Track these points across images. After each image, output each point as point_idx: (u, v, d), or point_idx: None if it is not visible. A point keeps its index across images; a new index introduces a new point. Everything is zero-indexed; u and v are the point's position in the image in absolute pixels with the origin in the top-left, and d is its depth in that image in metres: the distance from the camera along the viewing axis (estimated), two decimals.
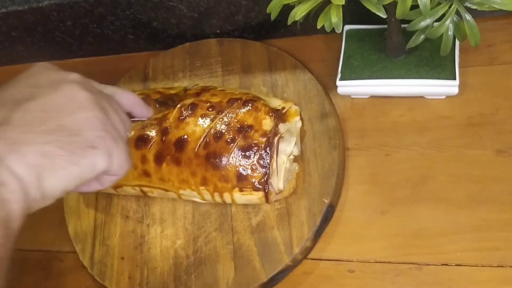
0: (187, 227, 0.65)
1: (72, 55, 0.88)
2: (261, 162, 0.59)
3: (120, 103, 0.50)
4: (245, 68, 0.74)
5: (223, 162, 0.59)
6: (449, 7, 0.53)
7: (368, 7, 0.54)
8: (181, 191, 0.63)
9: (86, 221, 0.69)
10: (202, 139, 0.61)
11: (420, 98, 0.66)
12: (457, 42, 0.63)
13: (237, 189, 0.60)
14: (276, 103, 0.64)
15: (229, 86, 0.73)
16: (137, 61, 0.82)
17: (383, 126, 0.66)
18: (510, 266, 0.54)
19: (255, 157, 0.59)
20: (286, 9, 0.57)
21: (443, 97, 0.65)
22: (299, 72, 0.70)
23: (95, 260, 0.66)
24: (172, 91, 0.69)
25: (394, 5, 0.54)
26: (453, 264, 0.56)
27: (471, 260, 0.56)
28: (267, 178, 0.59)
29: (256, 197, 0.60)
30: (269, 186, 0.59)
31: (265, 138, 0.59)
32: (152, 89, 0.71)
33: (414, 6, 0.53)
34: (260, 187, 0.59)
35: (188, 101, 0.64)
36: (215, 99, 0.64)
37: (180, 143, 0.61)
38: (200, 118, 0.62)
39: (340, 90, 0.67)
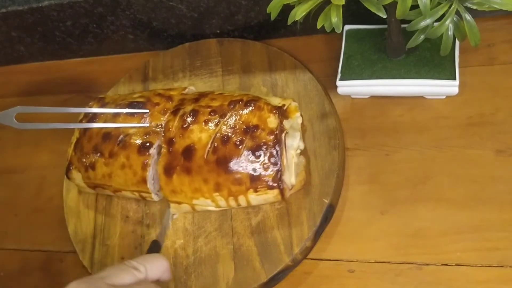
0: (187, 227, 0.65)
1: (72, 55, 0.88)
2: (272, 160, 0.59)
3: (152, 276, 0.50)
4: (245, 68, 0.74)
5: (234, 165, 0.59)
6: (449, 7, 0.53)
7: (368, 7, 0.54)
8: (194, 201, 0.62)
9: (86, 221, 0.69)
10: (209, 145, 0.60)
11: (420, 98, 0.66)
12: (457, 42, 0.63)
13: (251, 190, 0.59)
14: (276, 101, 0.64)
15: (229, 86, 0.73)
16: (137, 61, 0.82)
17: (383, 126, 0.66)
18: (510, 266, 0.54)
19: (266, 156, 0.59)
20: (286, 9, 0.57)
21: (443, 97, 0.65)
22: (299, 72, 0.70)
23: (95, 260, 0.66)
24: (172, 93, 0.69)
25: (394, 5, 0.54)
26: (453, 264, 0.56)
27: (471, 260, 0.56)
28: (280, 175, 0.59)
29: (271, 195, 0.60)
30: (283, 183, 0.59)
31: (273, 136, 0.59)
32: (152, 90, 0.71)
33: (414, 6, 0.53)
34: (275, 184, 0.59)
35: (188, 108, 0.64)
36: (215, 103, 0.63)
37: (188, 152, 0.61)
38: (203, 124, 0.61)
39: (340, 90, 0.67)
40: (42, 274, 0.70)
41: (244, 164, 0.59)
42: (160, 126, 0.65)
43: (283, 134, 0.60)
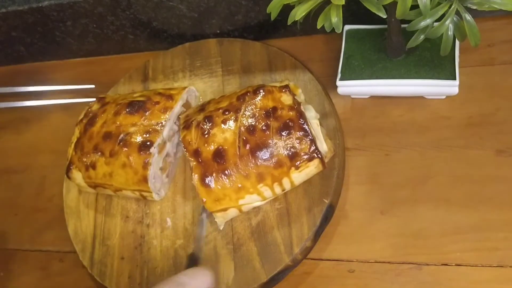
0: (187, 227, 0.65)
1: (72, 55, 0.88)
2: (302, 133, 0.59)
3: None
4: (245, 68, 0.74)
5: (270, 150, 0.59)
6: (449, 7, 0.53)
7: (368, 7, 0.54)
8: (240, 202, 0.61)
9: (86, 221, 0.69)
10: (238, 140, 0.60)
11: (420, 98, 0.66)
12: (457, 42, 0.63)
13: (293, 168, 0.59)
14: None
15: (229, 86, 0.73)
16: (137, 61, 0.82)
17: (383, 126, 0.66)
18: (510, 266, 0.54)
19: (295, 130, 0.59)
20: (286, 9, 0.57)
21: (443, 97, 0.65)
22: (299, 72, 0.70)
23: (95, 260, 0.66)
24: (173, 92, 0.69)
25: (394, 5, 0.54)
26: (453, 264, 0.56)
27: (471, 260, 0.56)
28: (315, 144, 0.59)
29: (313, 167, 0.60)
30: (319, 152, 0.59)
31: (294, 111, 0.60)
32: (153, 90, 0.71)
33: (414, 6, 0.53)
34: (314, 155, 0.59)
35: (199, 117, 0.63)
36: (223, 104, 0.63)
37: (219, 155, 0.60)
38: (223, 125, 0.61)
39: (340, 90, 0.67)
40: (42, 274, 0.70)
41: (278, 145, 0.59)
42: (160, 124, 0.65)
43: (302, 106, 0.61)
